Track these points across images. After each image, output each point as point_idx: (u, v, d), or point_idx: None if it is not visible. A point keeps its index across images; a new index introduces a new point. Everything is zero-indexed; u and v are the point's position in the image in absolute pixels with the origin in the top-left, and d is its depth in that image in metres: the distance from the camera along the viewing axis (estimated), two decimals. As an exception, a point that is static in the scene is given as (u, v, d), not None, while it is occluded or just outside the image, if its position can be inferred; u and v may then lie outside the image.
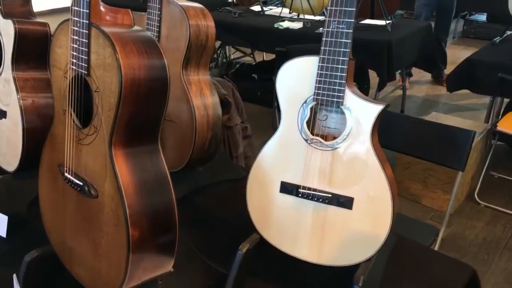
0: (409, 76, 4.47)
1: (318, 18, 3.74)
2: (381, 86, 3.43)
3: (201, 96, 1.51)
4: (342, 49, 1.15)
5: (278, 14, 3.93)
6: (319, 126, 1.26)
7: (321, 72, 1.18)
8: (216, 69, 4.41)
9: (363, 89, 3.88)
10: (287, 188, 1.26)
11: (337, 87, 1.16)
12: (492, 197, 2.94)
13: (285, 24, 3.60)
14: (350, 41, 1.16)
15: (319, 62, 1.18)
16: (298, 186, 1.24)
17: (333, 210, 1.21)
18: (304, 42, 3.29)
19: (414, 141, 1.94)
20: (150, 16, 1.53)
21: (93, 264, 1.12)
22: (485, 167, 2.95)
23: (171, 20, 1.50)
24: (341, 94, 1.16)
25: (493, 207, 2.87)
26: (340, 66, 1.16)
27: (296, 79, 1.22)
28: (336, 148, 1.20)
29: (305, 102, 1.22)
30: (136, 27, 1.08)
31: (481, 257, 2.52)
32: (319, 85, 1.18)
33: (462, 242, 2.64)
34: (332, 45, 1.16)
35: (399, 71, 3.87)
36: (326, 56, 1.17)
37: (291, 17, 3.83)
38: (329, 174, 1.20)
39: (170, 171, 1.63)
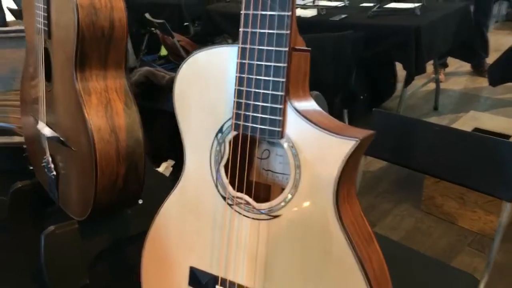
0: (444, 67, 3.74)
1: (334, 4, 3.10)
2: (408, 81, 2.77)
3: (106, 112, 0.96)
4: (276, 31, 0.56)
5: (290, 2, 3.31)
6: (259, 169, 0.68)
7: (241, 75, 0.59)
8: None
9: (389, 84, 3.22)
10: (199, 281, 0.68)
11: (269, 104, 0.58)
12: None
13: (296, 12, 2.99)
14: (289, 13, 0.56)
15: (237, 57, 0.59)
16: (214, 279, 0.67)
17: (274, 327, 0.63)
18: (317, 31, 2.68)
19: (441, 158, 1.31)
20: (34, -4, 0.99)
21: None
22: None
23: (59, 0, 0.96)
24: (277, 118, 0.58)
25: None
26: (273, 64, 0.56)
27: (203, 88, 0.64)
28: (274, 217, 0.61)
29: (220, 131, 0.64)
30: None
31: (536, 299, 1.84)
32: (239, 100, 0.60)
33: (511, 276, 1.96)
34: (257, 24, 0.57)
35: (431, 61, 3.17)
36: (248, 46, 0.58)
37: (304, 4, 3.20)
38: (264, 263, 0.62)
39: (77, 220, 1.12)
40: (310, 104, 0.60)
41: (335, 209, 0.56)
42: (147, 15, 3.16)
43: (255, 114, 0.58)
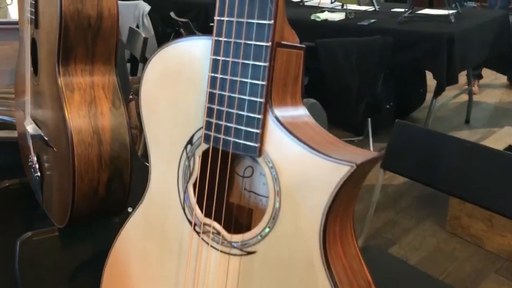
0: (478, 79, 3.52)
1: (364, 8, 2.95)
2: (438, 91, 2.58)
3: (89, 111, 0.85)
4: (256, 20, 0.44)
5: (317, 5, 3.18)
6: (240, 189, 0.55)
7: (215, 75, 0.47)
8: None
9: (418, 94, 3.04)
10: (160, 319, 0.56)
11: (245, 113, 0.45)
12: None
13: (323, 15, 2.85)
14: (273, -2, 0.43)
15: (211, 53, 0.47)
16: (177, 320, 0.55)
17: None
18: (344, 35, 2.54)
19: (468, 179, 1.15)
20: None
21: None
22: None
23: (43, -14, 0.86)
24: (255, 131, 0.45)
25: None
26: (251, 62, 0.44)
27: (172, 90, 0.52)
28: (248, 253, 0.49)
29: (190, 142, 0.52)
30: None
31: None
32: (211, 106, 0.48)
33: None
34: (234, 10, 0.45)
35: (464, 72, 2.97)
36: (223, 38, 0.46)
37: (332, 8, 3.06)
38: (235, 307, 0.50)
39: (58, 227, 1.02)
40: (299, 115, 0.47)
41: (321, 251, 0.43)
42: (172, 14, 3.08)
43: (228, 124, 0.46)
